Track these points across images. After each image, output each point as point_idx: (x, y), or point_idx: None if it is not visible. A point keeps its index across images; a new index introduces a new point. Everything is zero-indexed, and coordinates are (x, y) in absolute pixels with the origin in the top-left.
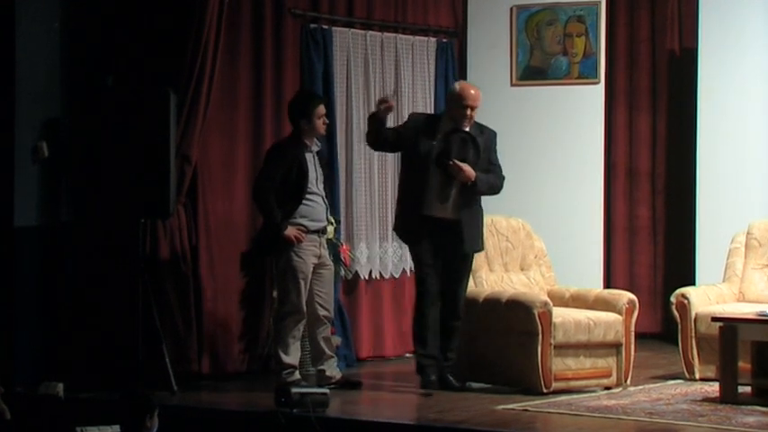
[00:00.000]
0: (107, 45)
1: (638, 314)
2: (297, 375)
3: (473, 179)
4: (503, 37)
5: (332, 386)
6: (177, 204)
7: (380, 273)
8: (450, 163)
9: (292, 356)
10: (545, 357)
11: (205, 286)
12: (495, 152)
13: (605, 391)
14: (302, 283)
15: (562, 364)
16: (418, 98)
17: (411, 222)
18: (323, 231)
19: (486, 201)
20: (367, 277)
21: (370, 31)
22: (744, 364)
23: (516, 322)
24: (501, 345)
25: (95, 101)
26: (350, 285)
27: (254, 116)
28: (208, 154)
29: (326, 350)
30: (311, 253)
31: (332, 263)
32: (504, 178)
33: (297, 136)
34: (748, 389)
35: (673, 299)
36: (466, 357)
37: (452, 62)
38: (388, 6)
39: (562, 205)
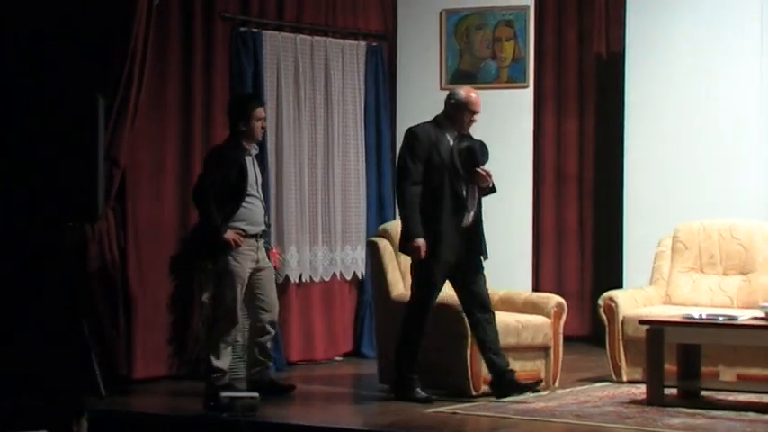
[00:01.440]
0: (35, 47)
1: (567, 317)
2: (226, 380)
3: (491, 185)
4: (432, 41)
5: (263, 391)
6: (105, 208)
7: (311, 276)
8: (480, 170)
9: (223, 361)
10: (474, 360)
11: (133, 290)
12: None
13: (534, 394)
14: (238, 287)
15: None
16: (348, 102)
17: (451, 237)
18: (261, 235)
19: None
20: (297, 281)
21: (301, 35)
22: (670, 367)
23: (446, 325)
24: (431, 348)
25: (22, 102)
26: (280, 289)
27: (183, 120)
28: (137, 157)
29: (261, 357)
30: (249, 258)
31: (270, 265)
32: None
33: (236, 139)
34: (674, 391)
35: (600, 302)
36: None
37: (382, 66)
38: (318, 10)
39: (491, 209)
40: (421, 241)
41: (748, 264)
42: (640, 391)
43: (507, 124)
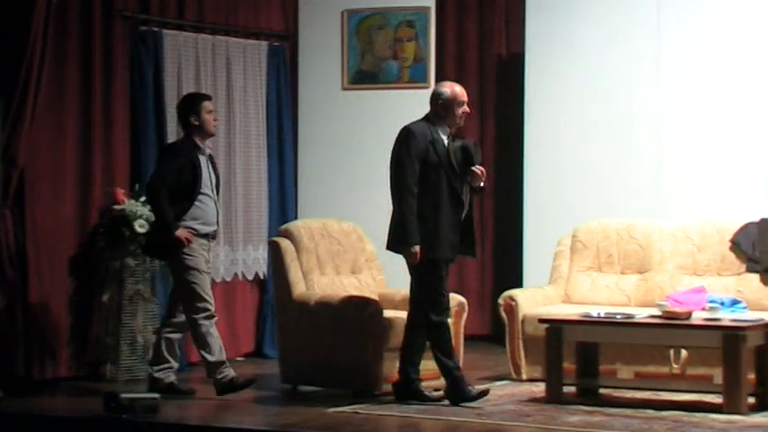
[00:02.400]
0: None
1: (467, 316)
2: (230, 371)
3: (483, 184)
4: (334, 41)
5: (164, 392)
6: (3, 208)
7: (212, 277)
8: (476, 169)
9: (217, 354)
10: (376, 360)
11: (32, 291)
12: None
13: (435, 393)
14: (204, 277)
15: (393, 367)
16: (250, 101)
17: (454, 238)
18: (213, 236)
19: (316, 204)
20: None
21: (202, 34)
22: (569, 365)
23: (347, 325)
24: (332, 347)
25: None
26: None
27: (83, 119)
28: (36, 157)
29: (168, 356)
30: (202, 254)
31: (210, 270)
32: None
33: (189, 136)
34: (573, 389)
35: (501, 301)
36: (297, 360)
37: (284, 66)
38: (220, 9)
39: (392, 208)
40: (418, 248)
41: (645, 263)
42: (540, 389)
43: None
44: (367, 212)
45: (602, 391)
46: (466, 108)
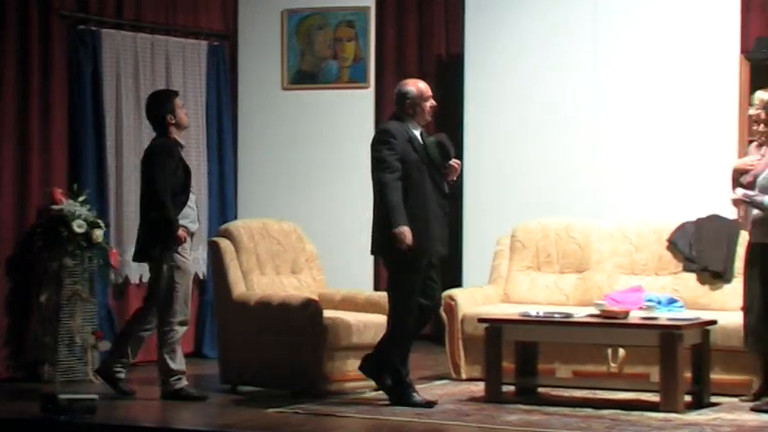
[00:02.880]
0: None
1: None
2: (184, 382)
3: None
4: (274, 41)
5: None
6: None
7: None
8: (454, 163)
9: (179, 363)
10: (316, 360)
11: None
12: None
13: (375, 392)
14: (189, 284)
15: (333, 367)
16: (189, 101)
17: (444, 232)
18: (194, 233)
19: (256, 204)
20: (137, 282)
21: (141, 34)
22: (508, 364)
23: (287, 325)
24: (272, 347)
25: None
26: (119, 290)
27: (20, 118)
28: None
29: (128, 350)
30: (189, 255)
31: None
32: None
33: (169, 134)
34: (512, 388)
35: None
36: (237, 360)
37: (224, 65)
38: (158, 8)
39: (332, 208)
40: (406, 228)
41: (584, 262)
42: (479, 388)
43: (348, 125)
44: (307, 212)
45: (540, 390)
46: (432, 102)
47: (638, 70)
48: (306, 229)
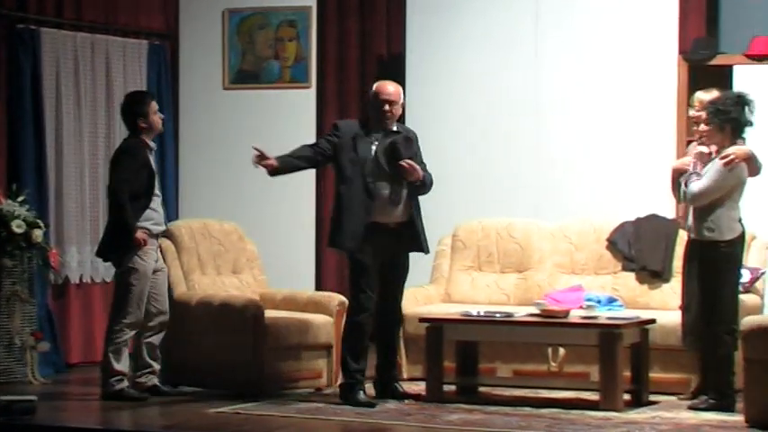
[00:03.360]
0: None
1: None
2: (125, 383)
3: (421, 178)
4: (215, 40)
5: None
6: None
7: (92, 277)
8: (404, 164)
9: (123, 364)
10: (257, 360)
11: None
12: (420, 150)
13: (316, 392)
14: (145, 288)
15: (274, 366)
16: None
17: (357, 231)
18: (160, 235)
19: (197, 204)
20: (78, 282)
21: (81, 33)
22: (449, 364)
23: (229, 325)
24: (213, 348)
25: None
26: (59, 290)
27: None
28: None
29: (150, 360)
30: (152, 257)
31: (165, 267)
32: (432, 175)
33: (137, 135)
34: (453, 387)
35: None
36: (178, 361)
37: (165, 65)
38: (99, 8)
39: (274, 208)
40: (347, 238)
41: (524, 262)
42: (420, 387)
43: (290, 124)
44: (248, 212)
45: (481, 389)
46: (388, 107)
47: (578, 71)
48: (247, 228)
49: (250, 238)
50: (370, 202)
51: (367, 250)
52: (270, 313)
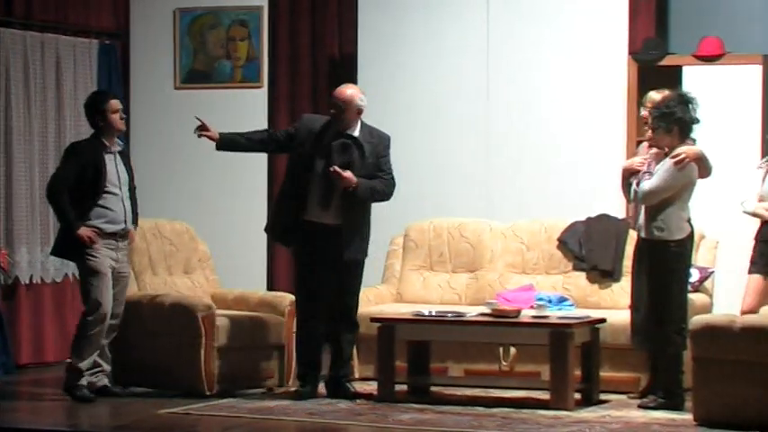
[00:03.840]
0: None
1: None
2: (84, 381)
3: (354, 185)
4: (166, 40)
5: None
6: None
7: (42, 278)
8: (331, 169)
9: (87, 361)
10: (208, 360)
11: None
12: (387, 157)
13: (268, 392)
14: (102, 281)
15: (225, 367)
16: (80, 101)
17: (287, 224)
18: (121, 235)
19: (148, 204)
20: (27, 282)
21: (30, 32)
22: (401, 364)
23: (180, 325)
24: (164, 348)
25: None
26: (9, 291)
27: None
28: None
29: (101, 360)
30: (108, 255)
31: (129, 270)
32: (393, 185)
33: (95, 135)
34: (405, 387)
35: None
36: (129, 361)
37: (115, 65)
38: (48, 6)
39: (225, 208)
40: (279, 230)
41: (476, 261)
42: (372, 387)
43: (241, 124)
44: (200, 212)
45: (433, 388)
46: (332, 111)
47: (529, 71)
48: (198, 229)
49: (202, 239)
50: (302, 201)
51: (306, 247)
52: (221, 313)
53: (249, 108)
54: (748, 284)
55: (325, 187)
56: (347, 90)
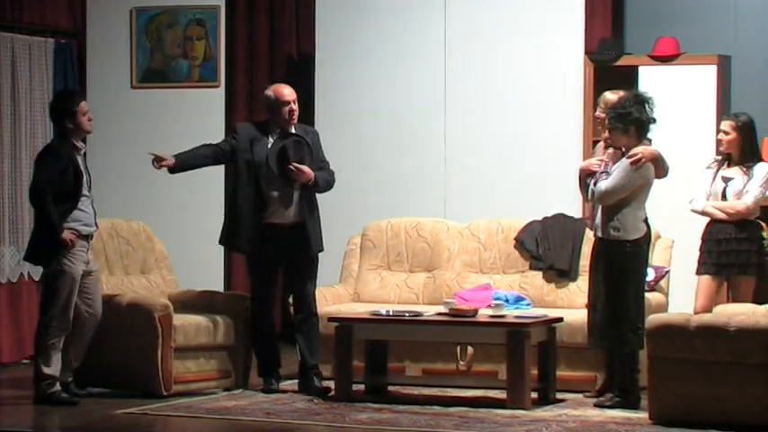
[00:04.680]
0: None
1: None
2: (57, 387)
3: (312, 179)
4: (123, 39)
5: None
6: None
7: (22, 274)
8: (291, 167)
9: (53, 367)
10: (165, 360)
11: None
12: (321, 149)
13: (225, 393)
14: (73, 289)
15: (183, 367)
16: (36, 100)
17: (250, 231)
18: (91, 237)
19: (105, 204)
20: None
21: None
22: (358, 363)
23: (137, 326)
24: (121, 348)
25: None
26: None
27: None
28: None
29: (76, 362)
30: (81, 258)
31: (97, 268)
32: (334, 173)
33: (64, 137)
34: (362, 387)
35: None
36: (86, 361)
37: (71, 64)
38: (4, 5)
39: (182, 208)
40: (243, 240)
41: (433, 261)
42: (330, 386)
43: (198, 124)
44: (156, 212)
45: (390, 388)
46: (291, 106)
47: (485, 71)
48: (155, 228)
49: (159, 238)
50: (263, 205)
51: (265, 250)
52: (178, 314)
53: (206, 107)
54: (698, 286)
55: (284, 187)
56: (287, 89)
